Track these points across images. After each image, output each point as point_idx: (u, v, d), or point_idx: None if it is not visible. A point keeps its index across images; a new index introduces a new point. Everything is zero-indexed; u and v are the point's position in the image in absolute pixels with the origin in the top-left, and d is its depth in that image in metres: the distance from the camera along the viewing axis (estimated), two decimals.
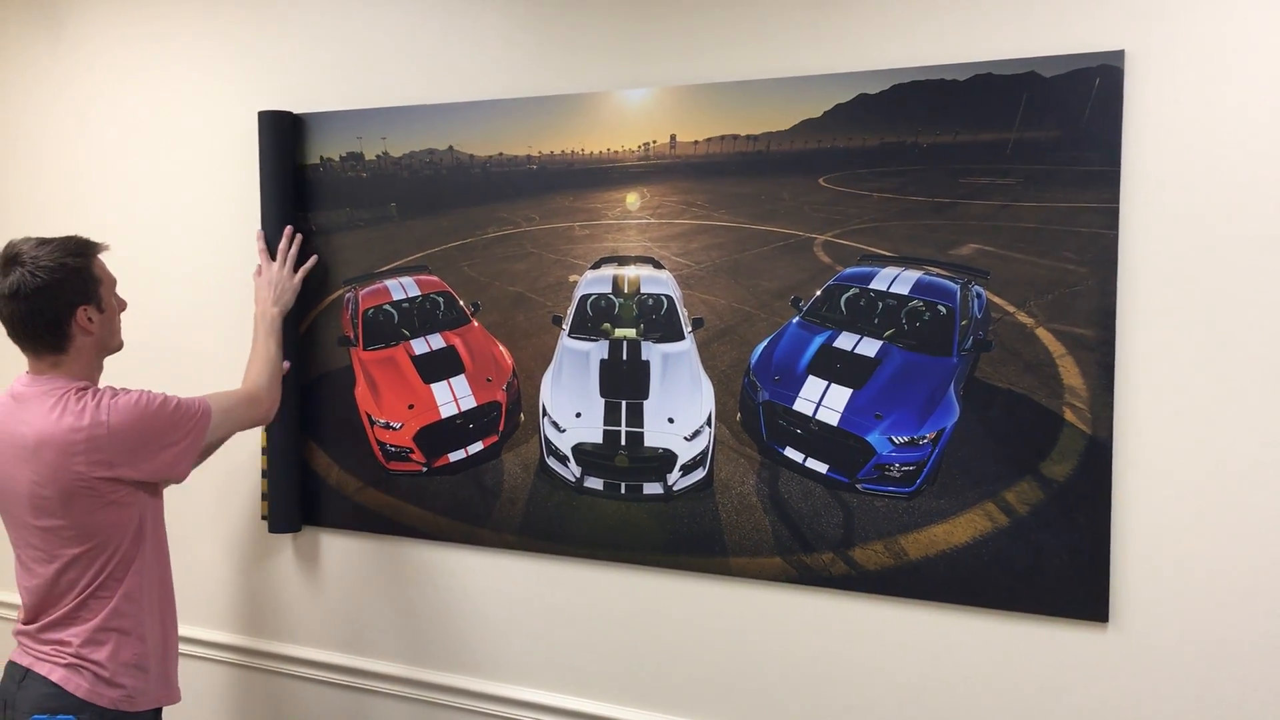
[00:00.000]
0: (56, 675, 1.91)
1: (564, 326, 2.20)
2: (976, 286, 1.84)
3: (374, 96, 2.38)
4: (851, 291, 1.94)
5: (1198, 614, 1.72)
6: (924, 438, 1.89)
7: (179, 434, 1.96)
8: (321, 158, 2.44)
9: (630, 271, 2.14)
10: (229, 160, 2.57)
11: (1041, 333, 1.79)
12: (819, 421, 1.97)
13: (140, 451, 1.91)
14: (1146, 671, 1.75)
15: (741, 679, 2.08)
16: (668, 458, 2.11)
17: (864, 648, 1.97)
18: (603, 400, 2.16)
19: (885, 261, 1.91)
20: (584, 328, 2.19)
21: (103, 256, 2.00)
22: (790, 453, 2.00)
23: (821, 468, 1.97)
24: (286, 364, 2.36)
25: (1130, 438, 1.74)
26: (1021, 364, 1.81)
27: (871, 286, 1.93)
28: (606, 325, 2.16)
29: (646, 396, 2.13)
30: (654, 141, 2.10)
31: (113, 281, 2.02)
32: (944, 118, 1.85)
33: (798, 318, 1.99)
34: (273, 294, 2.34)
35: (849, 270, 1.94)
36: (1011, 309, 1.82)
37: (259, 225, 2.45)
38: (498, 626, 2.32)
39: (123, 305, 2.05)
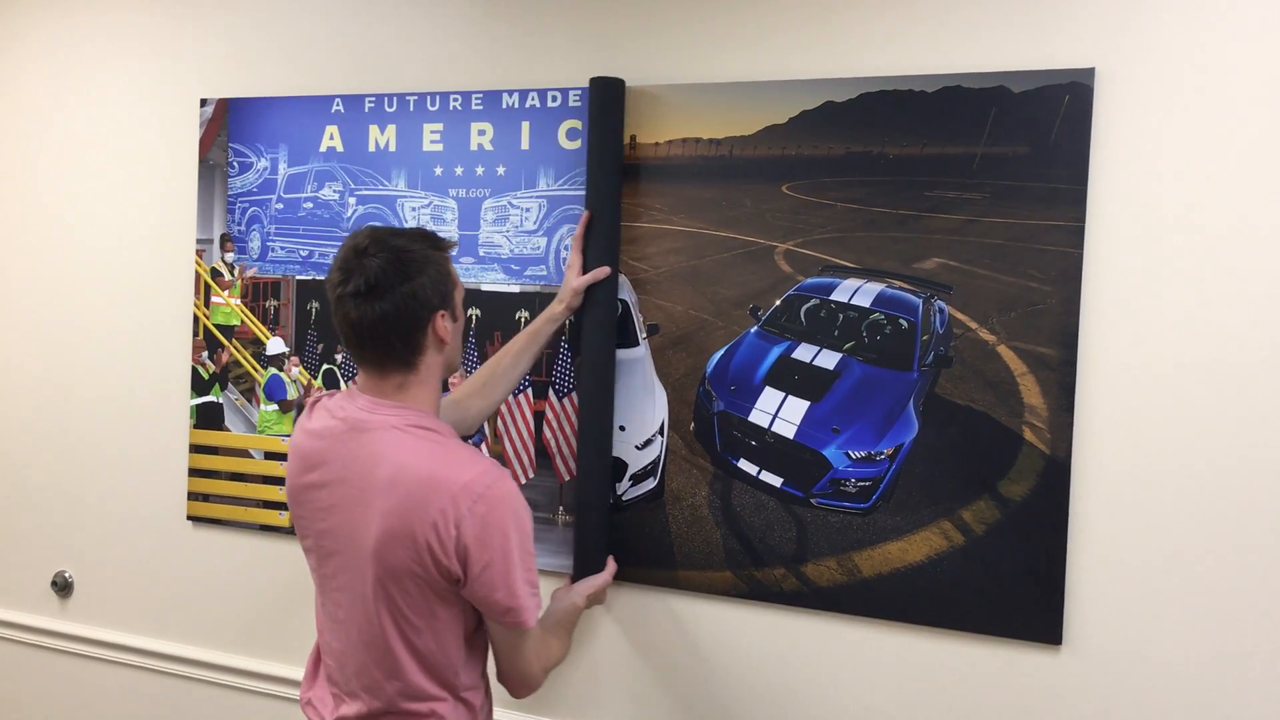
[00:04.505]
0: None
1: None
2: (939, 301, 1.82)
3: (322, 85, 2.29)
4: (812, 302, 1.91)
5: (1151, 639, 1.70)
6: (881, 453, 1.85)
7: (530, 571, 1.54)
8: None
9: None
10: (167, 147, 2.47)
11: (1003, 350, 1.77)
12: (775, 434, 1.92)
13: (496, 555, 1.49)
14: (1099, 695, 1.74)
15: (687, 694, 2.03)
16: (617, 466, 2.04)
17: (814, 665, 1.93)
18: None
19: (847, 273, 1.88)
20: None
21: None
22: (744, 465, 1.95)
23: (776, 481, 1.93)
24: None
25: (1089, 459, 1.73)
26: (982, 381, 1.79)
27: (832, 298, 1.89)
28: None
29: None
30: None
31: (461, 286, 1.64)
32: (911, 129, 1.82)
33: (756, 327, 1.95)
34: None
35: (810, 280, 1.91)
36: (974, 325, 1.79)
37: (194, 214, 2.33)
38: None
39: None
